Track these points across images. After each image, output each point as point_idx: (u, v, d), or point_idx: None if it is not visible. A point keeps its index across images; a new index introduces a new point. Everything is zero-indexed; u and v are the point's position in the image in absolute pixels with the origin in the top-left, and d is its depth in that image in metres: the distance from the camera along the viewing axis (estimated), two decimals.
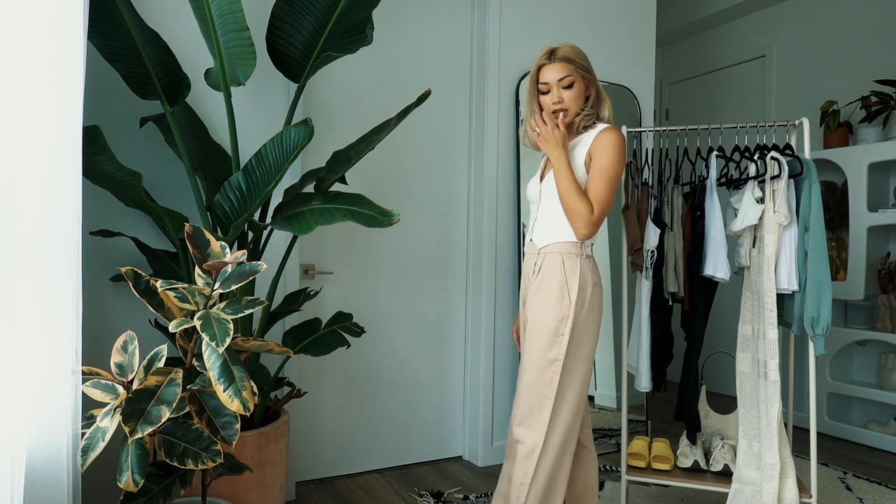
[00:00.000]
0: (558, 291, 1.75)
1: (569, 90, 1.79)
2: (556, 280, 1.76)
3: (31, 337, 1.31)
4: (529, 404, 1.75)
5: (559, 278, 1.76)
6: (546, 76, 1.80)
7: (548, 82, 1.79)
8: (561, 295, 1.75)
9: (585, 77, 1.81)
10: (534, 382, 1.75)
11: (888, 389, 3.35)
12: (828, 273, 2.08)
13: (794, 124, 2.28)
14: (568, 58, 1.78)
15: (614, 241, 3.22)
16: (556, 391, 1.73)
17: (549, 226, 1.82)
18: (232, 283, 1.51)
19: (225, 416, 1.48)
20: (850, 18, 3.84)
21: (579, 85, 1.80)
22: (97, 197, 2.17)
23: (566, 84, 1.78)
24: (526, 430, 1.74)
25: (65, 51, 1.37)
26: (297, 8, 2.03)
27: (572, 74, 1.78)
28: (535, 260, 1.83)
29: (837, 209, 3.66)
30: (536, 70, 1.82)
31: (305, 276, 2.68)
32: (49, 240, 1.35)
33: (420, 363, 2.99)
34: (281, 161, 1.87)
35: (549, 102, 1.81)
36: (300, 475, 2.70)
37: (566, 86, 1.78)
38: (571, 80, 1.78)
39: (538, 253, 1.83)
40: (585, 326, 1.76)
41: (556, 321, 1.74)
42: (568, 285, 1.75)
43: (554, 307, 1.74)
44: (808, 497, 2.13)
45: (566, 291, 1.75)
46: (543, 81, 1.80)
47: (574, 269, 1.76)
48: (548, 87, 1.80)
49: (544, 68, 1.80)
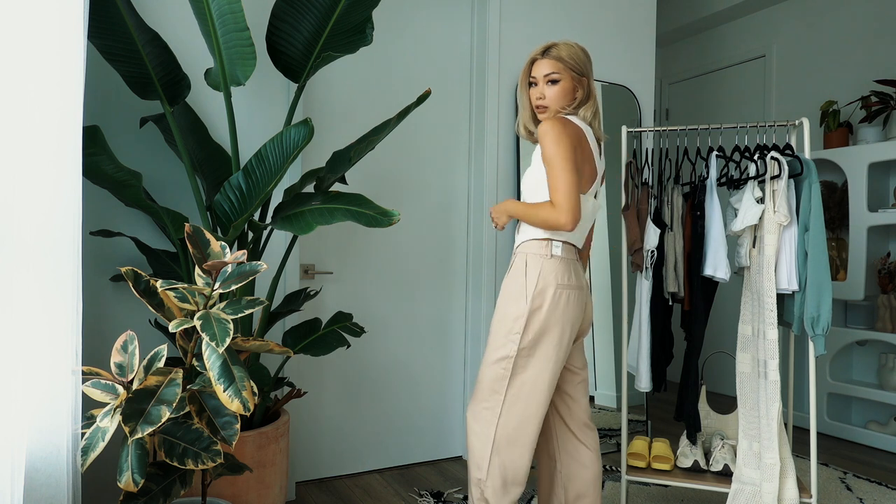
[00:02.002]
0: (517, 291, 1.78)
1: (552, 87, 1.82)
2: (517, 280, 1.80)
3: (31, 337, 1.31)
4: (482, 398, 1.81)
5: (521, 279, 1.79)
6: (535, 70, 1.86)
7: (535, 77, 1.85)
8: (518, 295, 1.78)
9: (575, 78, 1.84)
10: (485, 376, 1.81)
11: (888, 389, 3.35)
12: (828, 273, 2.08)
13: (794, 124, 2.28)
14: (559, 57, 1.82)
15: (614, 241, 3.22)
16: (507, 388, 1.77)
17: (522, 225, 1.87)
18: (232, 283, 1.52)
19: (225, 416, 1.48)
20: (850, 18, 3.84)
21: (565, 84, 1.83)
22: (97, 197, 2.17)
23: (550, 80, 1.83)
24: (474, 421, 1.81)
25: (65, 51, 1.37)
26: (297, 8, 2.03)
27: (560, 73, 1.82)
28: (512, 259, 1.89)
29: (837, 209, 3.66)
30: (530, 63, 1.88)
31: (305, 276, 2.68)
32: (49, 240, 1.35)
33: (420, 363, 2.99)
34: (281, 161, 1.87)
35: (533, 97, 1.87)
36: (300, 475, 2.70)
37: (550, 81, 1.83)
38: (557, 77, 1.82)
39: (514, 252, 1.88)
40: (545, 327, 1.76)
41: (510, 320, 1.77)
42: (526, 286, 1.77)
43: (511, 305, 1.78)
44: (808, 497, 2.13)
45: (524, 292, 1.77)
46: (533, 75, 1.87)
47: (535, 269, 1.77)
48: (535, 80, 1.86)
49: (536, 62, 1.86)
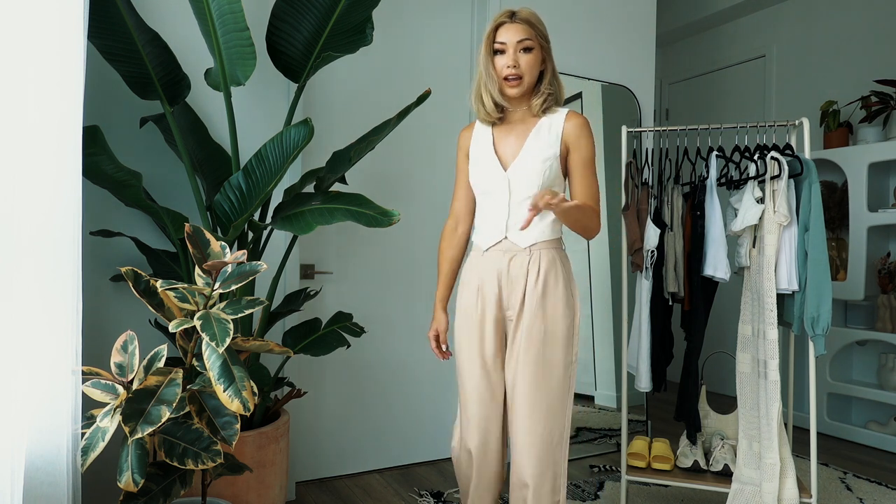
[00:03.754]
0: (566, 295, 1.67)
1: (526, 54, 1.64)
2: (562, 281, 1.67)
3: (31, 337, 1.31)
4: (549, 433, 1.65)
5: (565, 280, 1.68)
6: (504, 35, 1.64)
7: (505, 42, 1.64)
8: (568, 295, 1.68)
9: (544, 46, 1.68)
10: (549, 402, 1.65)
11: (888, 389, 3.35)
12: (828, 273, 2.08)
13: (794, 124, 2.28)
14: (530, 21, 1.65)
15: (614, 241, 3.22)
16: (569, 401, 1.70)
17: (540, 221, 1.68)
18: (232, 283, 1.51)
19: (225, 416, 1.48)
20: (850, 18, 3.84)
21: (537, 53, 1.66)
22: (97, 197, 2.17)
23: (525, 47, 1.64)
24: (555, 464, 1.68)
25: (65, 51, 1.37)
26: (297, 8, 2.03)
27: (532, 39, 1.64)
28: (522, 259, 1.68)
29: (837, 209, 3.66)
30: (494, 28, 1.67)
31: (305, 276, 2.68)
32: (49, 240, 1.35)
33: (420, 363, 2.99)
34: (281, 161, 1.87)
35: (503, 66, 1.65)
36: (300, 475, 2.70)
37: (524, 48, 1.64)
38: (531, 44, 1.64)
39: (528, 251, 1.68)
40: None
41: (570, 324, 1.67)
42: (572, 288, 1.70)
43: (566, 309, 1.66)
44: (808, 497, 2.13)
45: (570, 291, 1.69)
46: (501, 41, 1.65)
47: (570, 270, 1.73)
48: (504, 46, 1.65)
49: (504, 27, 1.65)
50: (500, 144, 1.72)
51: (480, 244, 1.75)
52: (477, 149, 1.76)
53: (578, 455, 3.10)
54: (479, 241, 1.76)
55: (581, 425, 3.15)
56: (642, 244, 2.34)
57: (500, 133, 1.74)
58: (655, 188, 2.44)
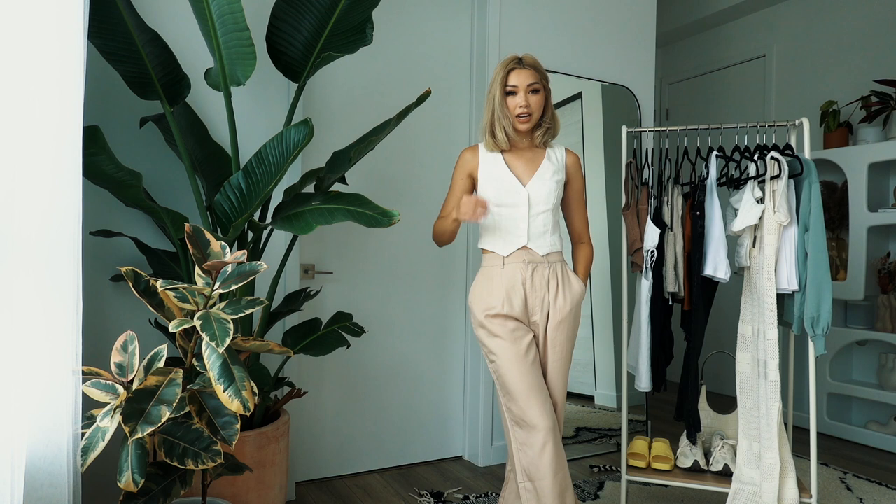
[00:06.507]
0: (580, 297, 1.99)
1: (534, 95, 1.90)
2: (578, 287, 1.98)
3: (31, 337, 1.32)
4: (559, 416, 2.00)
5: (579, 285, 1.99)
6: (515, 79, 1.89)
7: (517, 85, 1.89)
8: (581, 300, 2.01)
9: (546, 87, 1.94)
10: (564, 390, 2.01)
11: (888, 389, 3.35)
12: (828, 273, 2.08)
13: (794, 124, 2.28)
14: (535, 66, 1.91)
15: (614, 241, 3.22)
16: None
17: (547, 234, 1.96)
18: (232, 283, 1.52)
19: (225, 416, 1.48)
20: (850, 18, 3.84)
21: (542, 94, 1.92)
22: (97, 197, 2.17)
23: (533, 89, 1.90)
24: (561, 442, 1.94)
25: (65, 51, 1.37)
26: (297, 8, 2.03)
27: (538, 83, 1.90)
28: (543, 270, 1.94)
29: (837, 209, 3.66)
30: (506, 73, 1.91)
31: (305, 276, 2.68)
32: (49, 239, 1.35)
33: (420, 363, 2.99)
34: (281, 161, 1.87)
35: (515, 105, 1.90)
36: (300, 475, 2.70)
37: (532, 90, 1.89)
38: (538, 86, 1.90)
39: (545, 261, 1.95)
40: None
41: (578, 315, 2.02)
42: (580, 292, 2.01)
43: (578, 314, 2.00)
44: (808, 497, 2.13)
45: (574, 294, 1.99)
46: (513, 84, 1.90)
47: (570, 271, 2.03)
48: (516, 89, 1.89)
49: (514, 72, 1.90)
50: (513, 166, 1.97)
51: (500, 251, 1.95)
52: (490, 169, 1.97)
53: (578, 455, 3.10)
54: (497, 249, 1.95)
55: (581, 425, 3.15)
56: (642, 244, 2.34)
57: (510, 158, 1.98)
58: (655, 188, 2.44)
